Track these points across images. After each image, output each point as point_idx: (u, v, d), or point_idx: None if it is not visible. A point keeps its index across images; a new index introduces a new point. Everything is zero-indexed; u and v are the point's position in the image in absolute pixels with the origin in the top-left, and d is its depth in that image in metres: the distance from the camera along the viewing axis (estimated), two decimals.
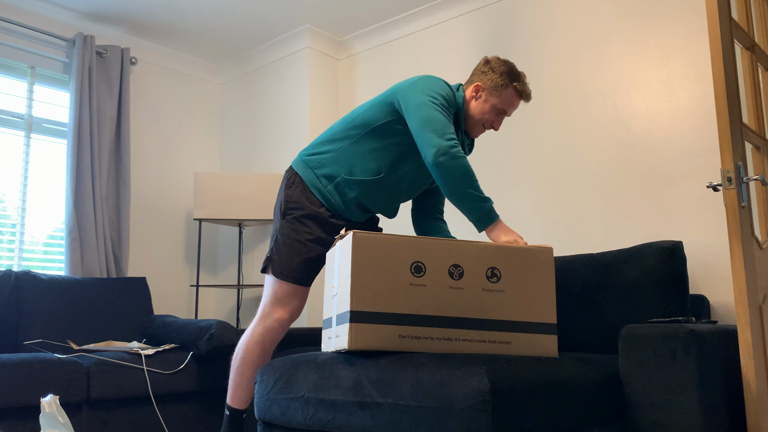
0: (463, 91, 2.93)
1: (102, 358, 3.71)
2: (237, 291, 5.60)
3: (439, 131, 2.58)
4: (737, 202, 2.32)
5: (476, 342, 2.25)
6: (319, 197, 2.86)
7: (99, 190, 4.88)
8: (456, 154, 2.55)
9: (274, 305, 2.88)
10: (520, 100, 2.94)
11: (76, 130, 4.81)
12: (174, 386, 3.91)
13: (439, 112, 2.64)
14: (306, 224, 2.86)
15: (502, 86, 2.88)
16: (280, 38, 5.43)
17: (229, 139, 6.00)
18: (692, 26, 3.61)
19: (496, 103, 2.89)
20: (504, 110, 2.91)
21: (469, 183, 2.55)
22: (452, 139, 2.58)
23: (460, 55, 4.67)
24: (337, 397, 2.21)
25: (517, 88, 2.89)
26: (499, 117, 2.94)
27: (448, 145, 2.55)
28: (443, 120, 2.62)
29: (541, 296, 2.33)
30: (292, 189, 2.91)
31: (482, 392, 1.84)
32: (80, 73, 4.89)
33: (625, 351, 2.31)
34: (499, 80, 2.88)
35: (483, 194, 2.58)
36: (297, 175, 2.92)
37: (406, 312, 2.21)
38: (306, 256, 2.85)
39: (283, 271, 2.86)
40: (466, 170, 2.55)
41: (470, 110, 2.92)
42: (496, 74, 2.89)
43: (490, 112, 2.90)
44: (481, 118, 2.91)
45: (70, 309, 4.25)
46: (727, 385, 2.32)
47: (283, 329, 2.91)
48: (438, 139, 2.56)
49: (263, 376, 2.55)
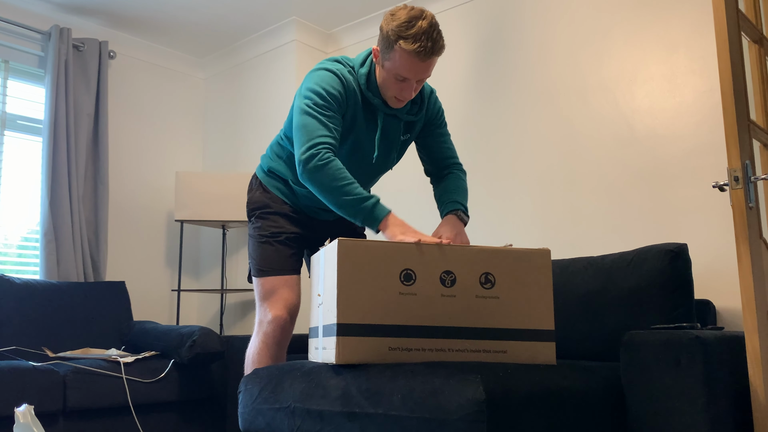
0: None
1: (79, 366, 3.69)
2: (220, 296, 5.58)
3: (302, 141, 2.49)
4: (744, 203, 2.31)
5: (470, 352, 2.23)
6: (280, 195, 2.92)
7: (76, 190, 4.86)
8: (317, 164, 2.43)
9: (266, 307, 2.86)
10: (419, 62, 2.52)
11: (52, 127, 4.79)
12: (154, 396, 3.90)
13: (309, 116, 2.52)
14: (270, 219, 2.91)
15: (389, 48, 2.53)
16: (266, 31, 5.41)
17: (212, 136, 5.98)
18: (697, 18, 3.61)
19: (390, 67, 2.55)
20: (401, 76, 2.56)
21: (340, 190, 2.43)
22: (315, 145, 2.46)
23: (455, 49, 4.66)
24: (324, 408, 2.20)
25: (403, 47, 2.48)
26: (404, 84, 2.59)
27: (309, 156, 2.45)
28: (309, 126, 2.50)
29: (539, 302, 2.31)
30: (252, 192, 3.01)
31: (477, 402, 1.83)
32: (56, 68, 4.87)
33: (626, 359, 2.31)
34: (385, 41, 2.53)
35: (362, 194, 2.43)
36: (256, 178, 3.01)
37: (396, 323, 2.18)
38: (279, 245, 2.87)
39: (261, 268, 2.87)
40: (333, 177, 2.42)
41: (378, 79, 2.66)
42: (383, 33, 2.54)
43: (389, 78, 2.59)
44: (386, 87, 2.64)
45: (46, 315, 4.23)
46: (734, 395, 2.31)
47: (283, 329, 2.84)
48: (300, 153, 2.47)
49: (248, 386, 2.54)
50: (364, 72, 2.67)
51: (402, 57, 2.50)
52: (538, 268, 2.32)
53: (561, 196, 4.00)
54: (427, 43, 2.48)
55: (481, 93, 4.47)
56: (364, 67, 2.69)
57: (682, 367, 2.17)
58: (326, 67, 2.65)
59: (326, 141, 2.48)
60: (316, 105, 2.53)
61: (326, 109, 2.54)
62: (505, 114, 4.31)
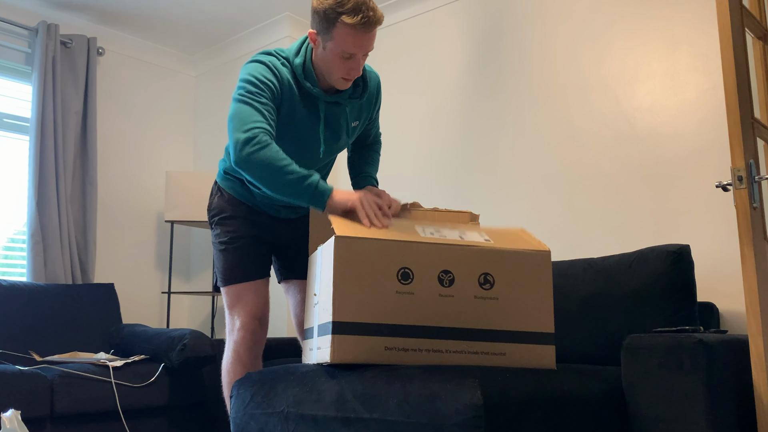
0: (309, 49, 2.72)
1: (67, 370, 3.69)
2: (211, 298, 5.57)
3: (236, 127, 2.47)
4: (748, 203, 2.31)
5: (468, 354, 2.23)
6: (236, 196, 2.91)
7: (63, 190, 4.85)
8: (254, 148, 2.42)
9: (233, 315, 2.87)
10: (364, 34, 2.55)
11: (39, 126, 4.78)
12: (144, 400, 3.89)
13: (242, 104, 2.52)
14: (226, 224, 2.89)
15: (330, 26, 2.54)
16: (259, 27, 5.41)
17: (204, 135, 5.97)
18: (700, 14, 3.61)
19: (334, 46, 2.56)
20: (347, 53, 2.57)
21: (280, 171, 2.40)
22: (251, 129, 2.44)
23: (451, 46, 4.66)
24: (318, 412, 2.19)
25: (345, 22, 2.50)
26: (350, 62, 2.60)
27: (245, 140, 2.42)
28: (243, 112, 2.49)
29: (539, 304, 2.31)
30: (211, 198, 3.00)
31: (475, 407, 1.83)
32: (43, 65, 4.85)
33: (628, 362, 2.31)
34: (324, 21, 2.55)
35: (300, 173, 2.42)
36: (216, 183, 3.01)
37: (392, 322, 2.18)
38: (238, 251, 2.86)
39: (224, 277, 2.87)
40: (269, 160, 2.40)
41: (318, 64, 2.67)
42: (320, 14, 2.55)
43: (333, 58, 2.59)
44: (330, 70, 2.63)
45: (33, 318, 4.23)
46: (738, 399, 2.31)
47: (253, 334, 2.83)
48: (235, 139, 2.45)
49: (240, 390, 2.54)
50: (299, 62, 2.67)
51: (346, 32, 2.51)
52: (538, 269, 2.32)
53: (560, 197, 4.00)
54: (368, 12, 2.51)
55: (477, 91, 4.46)
56: (298, 57, 2.68)
57: (685, 371, 2.17)
58: (257, 59, 2.65)
59: (262, 126, 2.47)
60: (249, 93, 2.53)
61: (260, 96, 2.54)
62: (503, 113, 4.31)
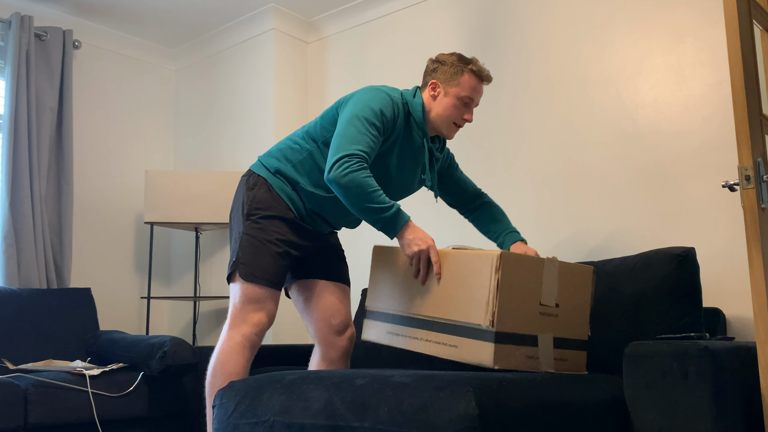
0: (420, 96, 3.05)
1: (41, 379, 3.68)
2: (193, 303, 5.56)
3: (341, 146, 2.72)
4: (756, 204, 2.31)
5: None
6: (285, 199, 2.97)
7: (38, 190, 4.83)
8: (351, 168, 2.66)
9: (249, 310, 2.89)
10: (481, 84, 3.04)
11: (12, 123, 4.77)
12: (122, 411, 3.89)
13: (356, 127, 2.77)
14: (275, 224, 2.94)
15: (457, 73, 2.99)
16: (242, 19, 5.40)
17: (185, 132, 5.96)
18: (706, 6, 3.62)
19: (458, 92, 2.99)
20: (469, 97, 3.00)
21: (365, 197, 2.66)
22: (353, 154, 2.70)
23: (445, 38, 4.66)
24: (306, 421, 2.19)
25: (473, 70, 2.99)
26: (467, 108, 3.03)
27: (344, 160, 2.68)
28: (354, 134, 2.75)
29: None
30: (255, 190, 3.00)
31: (469, 417, 1.83)
32: (16, 58, 4.84)
33: (630, 371, 2.31)
34: (452, 69, 3.00)
35: (385, 203, 2.68)
36: (260, 176, 3.03)
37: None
38: (278, 256, 2.91)
39: (255, 273, 2.88)
40: (359, 184, 2.65)
41: (434, 110, 3.02)
42: (447, 65, 3.01)
43: (455, 104, 3.00)
44: (448, 114, 3.01)
45: (5, 324, 4.22)
46: (745, 409, 2.32)
47: (261, 338, 2.93)
48: (335, 155, 2.70)
49: (222, 399, 2.53)
50: (419, 102, 3.01)
51: (472, 80, 2.99)
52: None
53: (559, 197, 4.00)
54: (485, 69, 3.04)
55: None
56: (416, 98, 3.03)
57: (690, 380, 2.17)
58: (385, 91, 2.95)
59: (362, 154, 2.72)
60: (367, 120, 2.79)
61: (374, 128, 2.81)
62: (499, 109, 4.32)
